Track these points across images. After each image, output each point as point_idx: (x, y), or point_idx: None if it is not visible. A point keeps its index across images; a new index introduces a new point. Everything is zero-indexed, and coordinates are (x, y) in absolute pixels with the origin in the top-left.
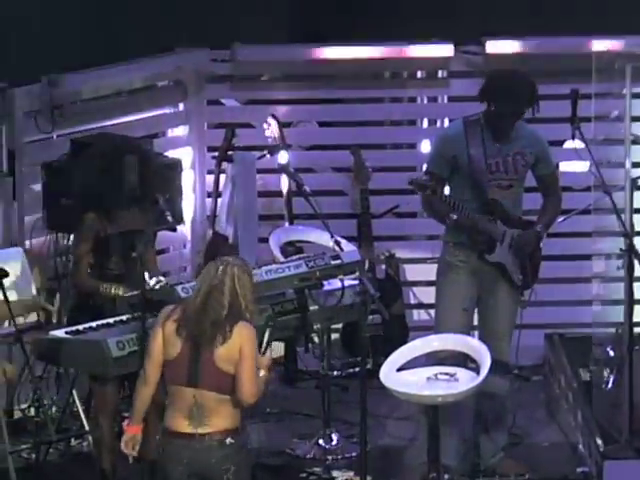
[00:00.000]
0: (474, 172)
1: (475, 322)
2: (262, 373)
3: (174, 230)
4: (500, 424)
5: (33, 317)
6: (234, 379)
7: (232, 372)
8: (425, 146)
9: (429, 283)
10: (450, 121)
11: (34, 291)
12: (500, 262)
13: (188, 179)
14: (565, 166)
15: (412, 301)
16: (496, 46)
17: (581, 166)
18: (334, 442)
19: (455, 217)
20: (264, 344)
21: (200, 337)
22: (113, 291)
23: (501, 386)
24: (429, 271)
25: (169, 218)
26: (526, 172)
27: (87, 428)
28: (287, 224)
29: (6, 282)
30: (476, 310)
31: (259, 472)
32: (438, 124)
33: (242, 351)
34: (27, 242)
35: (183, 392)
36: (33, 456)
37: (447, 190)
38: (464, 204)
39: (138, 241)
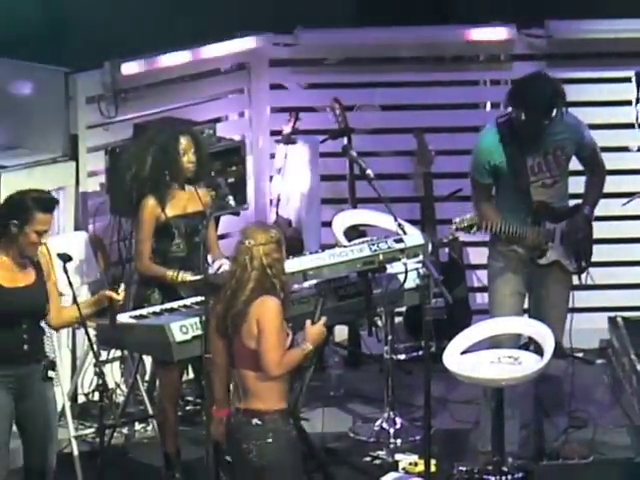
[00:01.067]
0: (517, 178)
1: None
2: (307, 345)
3: (237, 214)
4: (560, 407)
5: None
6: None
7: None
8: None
9: None
10: None
11: (98, 275)
12: (555, 260)
13: (251, 163)
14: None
15: (475, 284)
16: (559, 28)
17: None
18: (398, 425)
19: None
20: (317, 314)
21: (228, 328)
22: (180, 277)
23: (558, 368)
24: None
25: (231, 202)
26: (569, 163)
27: (151, 412)
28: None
29: (70, 266)
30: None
31: (323, 455)
32: (501, 107)
33: (259, 324)
34: (90, 226)
35: (232, 371)
36: (97, 440)
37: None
38: (511, 215)
39: (201, 225)
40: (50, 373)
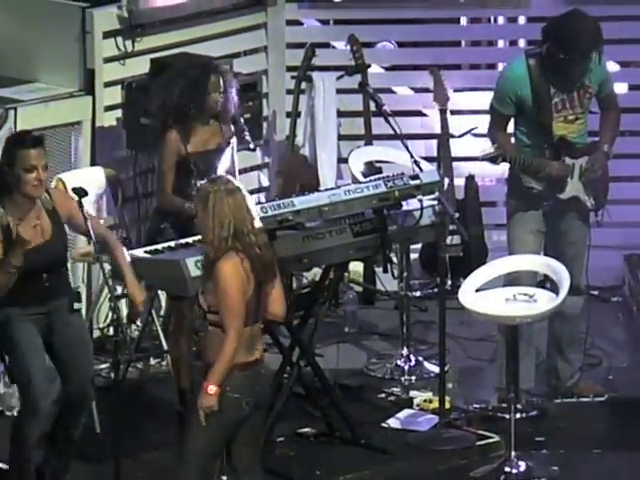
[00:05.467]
0: (540, 112)
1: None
2: None
3: (253, 150)
4: (575, 345)
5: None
6: None
7: None
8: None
9: None
10: (529, 43)
11: (116, 211)
12: (573, 196)
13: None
14: None
15: (491, 221)
16: None
17: None
18: (412, 362)
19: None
20: None
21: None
22: None
23: (574, 306)
24: None
25: (248, 138)
26: (591, 102)
27: (166, 347)
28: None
29: (86, 201)
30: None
31: (337, 392)
32: (518, 44)
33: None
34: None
35: (245, 330)
36: (112, 375)
37: (511, 128)
38: (531, 148)
39: (217, 160)
40: (76, 305)
